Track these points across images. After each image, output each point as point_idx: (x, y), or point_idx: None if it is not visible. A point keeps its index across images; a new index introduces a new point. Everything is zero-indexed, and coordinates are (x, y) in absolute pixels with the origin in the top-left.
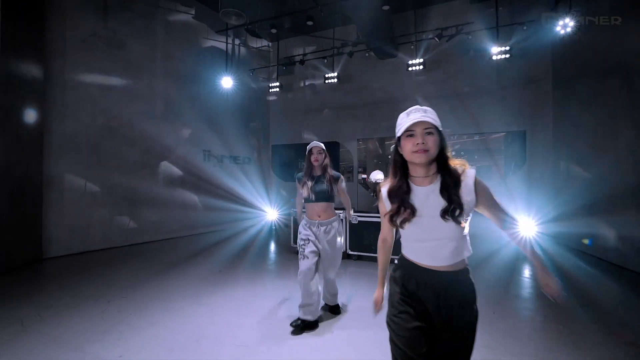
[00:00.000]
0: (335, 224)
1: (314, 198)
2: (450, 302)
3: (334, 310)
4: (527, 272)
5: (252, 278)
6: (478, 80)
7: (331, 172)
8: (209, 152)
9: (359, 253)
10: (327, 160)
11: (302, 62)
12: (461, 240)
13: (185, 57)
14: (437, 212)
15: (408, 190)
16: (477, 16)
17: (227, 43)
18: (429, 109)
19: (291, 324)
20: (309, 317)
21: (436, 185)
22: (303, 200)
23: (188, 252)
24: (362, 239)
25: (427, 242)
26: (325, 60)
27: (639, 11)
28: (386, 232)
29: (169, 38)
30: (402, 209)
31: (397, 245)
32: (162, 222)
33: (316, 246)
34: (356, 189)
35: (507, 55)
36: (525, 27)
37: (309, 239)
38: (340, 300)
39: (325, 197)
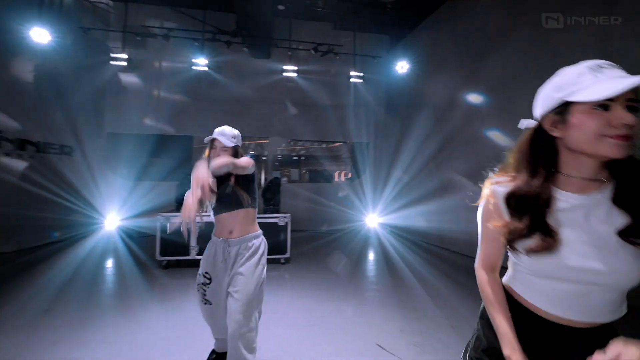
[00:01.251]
0: (256, 242)
1: (221, 207)
2: None
3: None
4: None
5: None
6: (337, 96)
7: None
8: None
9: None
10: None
11: (166, 37)
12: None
13: None
14: (611, 237)
15: (550, 199)
16: (342, 42)
17: None
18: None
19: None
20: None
21: (605, 195)
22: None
23: None
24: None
25: (574, 285)
26: (197, 44)
27: (438, 66)
28: (495, 258)
29: None
30: (536, 230)
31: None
32: None
33: (217, 289)
34: None
35: (361, 80)
36: (375, 60)
37: (207, 282)
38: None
39: (236, 202)
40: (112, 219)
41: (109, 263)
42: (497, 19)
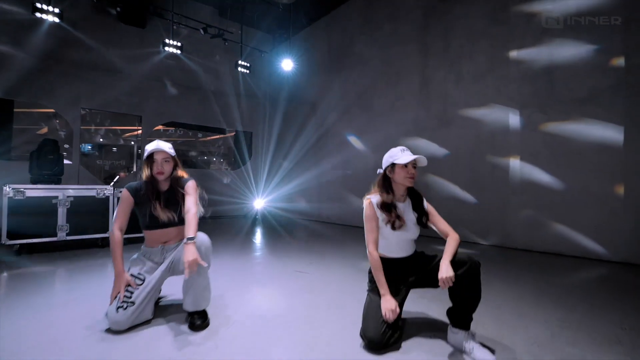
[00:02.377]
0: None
1: (164, 222)
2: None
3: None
4: None
5: None
6: (221, 83)
7: (182, 180)
8: None
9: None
10: (178, 171)
11: None
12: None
13: None
14: (412, 221)
15: (394, 204)
16: (231, 29)
17: None
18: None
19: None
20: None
21: (407, 203)
22: (126, 226)
23: None
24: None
25: (404, 243)
26: None
27: (314, 70)
28: (376, 239)
29: None
30: (398, 217)
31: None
32: None
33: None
34: (77, 172)
35: (247, 71)
36: (262, 55)
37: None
38: None
39: (178, 219)
40: None
41: None
42: (359, 40)
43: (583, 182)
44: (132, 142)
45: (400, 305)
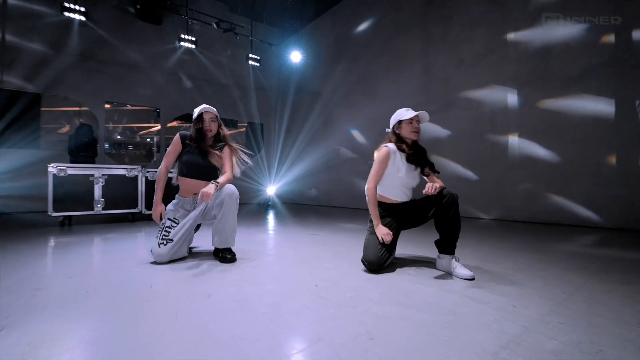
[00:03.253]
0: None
1: (197, 173)
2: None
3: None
4: None
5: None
6: (235, 77)
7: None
8: None
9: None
10: (223, 131)
11: None
12: None
13: None
14: (416, 169)
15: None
16: (243, 24)
17: None
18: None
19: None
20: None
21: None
22: (176, 172)
23: None
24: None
25: (405, 189)
26: None
27: (322, 60)
28: (379, 179)
29: None
30: (409, 163)
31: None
32: None
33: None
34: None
35: (257, 64)
36: (271, 47)
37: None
38: None
39: (210, 175)
40: None
41: None
42: (363, 30)
43: (578, 154)
44: (148, 139)
45: (394, 239)
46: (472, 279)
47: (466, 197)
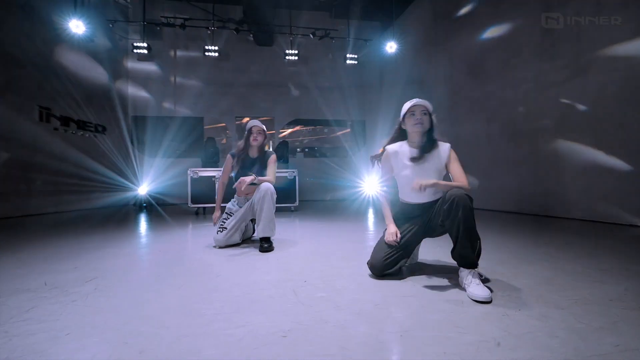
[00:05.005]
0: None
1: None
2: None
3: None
4: None
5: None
6: (335, 79)
7: (267, 153)
8: (49, 110)
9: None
10: (266, 145)
11: (182, 25)
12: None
13: None
14: (428, 167)
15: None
16: (338, 28)
17: None
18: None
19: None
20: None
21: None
22: (227, 180)
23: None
24: None
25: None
26: (209, 31)
27: (431, 47)
28: (385, 181)
29: None
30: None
31: None
32: None
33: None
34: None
35: (355, 62)
36: (367, 43)
37: (231, 214)
38: None
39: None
40: (141, 189)
41: (150, 216)
42: (465, 2)
43: None
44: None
45: (409, 244)
46: (488, 302)
47: (610, 195)
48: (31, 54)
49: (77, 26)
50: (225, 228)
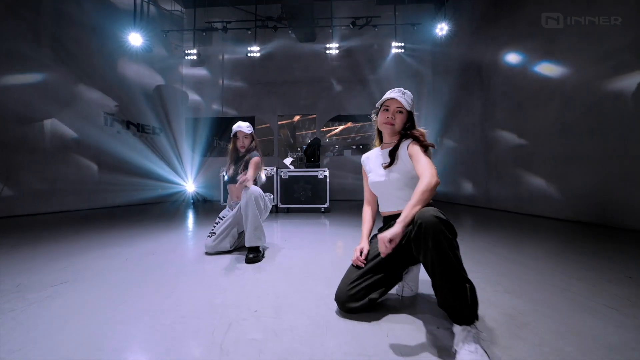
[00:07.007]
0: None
1: (233, 181)
2: None
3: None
4: None
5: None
6: (379, 69)
7: (252, 154)
8: (112, 115)
9: (289, 205)
10: (253, 144)
11: (224, 29)
12: None
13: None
14: (395, 169)
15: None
16: (381, 14)
17: None
18: (407, 92)
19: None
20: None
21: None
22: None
23: (89, 227)
24: (293, 193)
25: (389, 195)
26: (250, 32)
27: (485, 30)
28: (367, 195)
29: None
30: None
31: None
32: (52, 192)
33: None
34: (277, 162)
35: (402, 51)
36: (415, 28)
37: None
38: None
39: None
40: (190, 186)
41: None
42: None
43: None
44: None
45: (387, 268)
46: None
47: None
48: (99, 67)
49: (135, 39)
50: (215, 233)
